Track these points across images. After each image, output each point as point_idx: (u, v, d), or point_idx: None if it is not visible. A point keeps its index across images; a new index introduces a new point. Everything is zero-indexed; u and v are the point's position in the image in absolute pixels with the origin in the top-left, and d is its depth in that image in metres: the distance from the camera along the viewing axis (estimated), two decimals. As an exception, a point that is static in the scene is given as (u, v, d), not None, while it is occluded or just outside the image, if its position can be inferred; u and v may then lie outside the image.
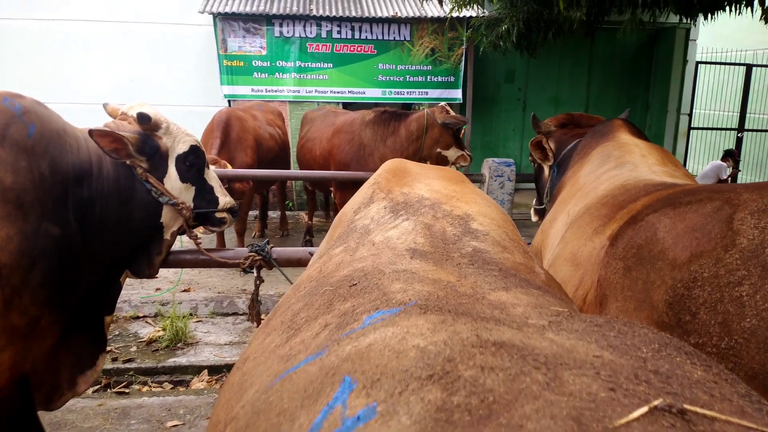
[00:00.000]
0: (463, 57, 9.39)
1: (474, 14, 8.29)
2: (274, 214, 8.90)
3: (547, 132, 3.03)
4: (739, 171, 10.79)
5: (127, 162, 2.47)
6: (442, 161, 5.40)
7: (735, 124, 11.66)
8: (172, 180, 2.62)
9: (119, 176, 2.45)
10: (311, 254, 2.37)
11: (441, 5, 7.28)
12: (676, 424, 0.51)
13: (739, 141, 11.60)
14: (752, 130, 11.68)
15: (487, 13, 7.90)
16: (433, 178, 1.60)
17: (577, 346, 0.65)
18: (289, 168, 7.53)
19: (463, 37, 9.19)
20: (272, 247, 2.87)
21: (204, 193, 2.79)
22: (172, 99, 9.37)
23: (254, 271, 2.86)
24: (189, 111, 9.11)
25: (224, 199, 2.89)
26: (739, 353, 1.01)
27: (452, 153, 5.34)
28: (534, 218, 3.55)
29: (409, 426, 0.52)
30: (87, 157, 2.32)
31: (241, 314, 5.33)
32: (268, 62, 9.21)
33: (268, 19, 8.96)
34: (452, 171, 1.74)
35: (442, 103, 5.53)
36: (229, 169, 4.98)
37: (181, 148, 2.64)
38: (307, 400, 0.65)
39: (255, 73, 9.21)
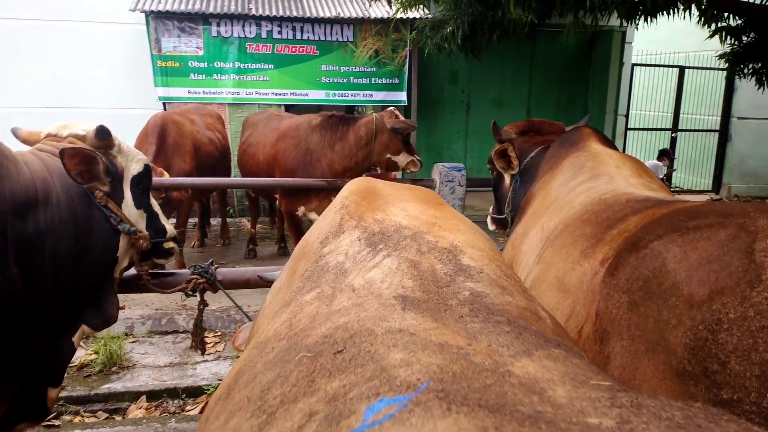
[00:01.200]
0: (408, 59, 9.27)
1: (418, 16, 8.18)
2: (214, 222, 8.53)
3: (508, 140, 2.91)
4: (674, 170, 11.13)
5: (85, 186, 2.13)
6: (392, 167, 5.24)
7: (669, 125, 12.04)
8: (129, 206, 2.32)
9: (73, 203, 2.08)
10: (261, 278, 2.14)
11: (390, 5, 7.13)
12: None
13: (673, 141, 11.98)
14: (685, 130, 12.09)
15: (431, 15, 7.80)
16: (408, 201, 1.42)
17: None
18: (229, 174, 7.21)
19: (407, 38, 9.08)
20: (217, 267, 2.63)
21: (152, 221, 2.50)
22: (101, 101, 8.86)
23: (197, 294, 2.61)
24: (121, 114, 8.62)
25: (170, 227, 2.64)
26: (786, 412, 0.88)
27: (402, 158, 5.19)
28: (491, 227, 3.43)
29: None
30: (30, 183, 1.95)
31: (181, 332, 5.01)
32: (206, 63, 8.83)
33: (204, 19, 8.59)
34: (426, 191, 1.56)
35: (391, 108, 5.38)
36: (167, 178, 4.65)
37: (135, 168, 2.35)
38: None
39: (191, 74, 8.81)
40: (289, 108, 9.10)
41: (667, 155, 9.84)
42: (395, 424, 0.58)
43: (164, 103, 8.77)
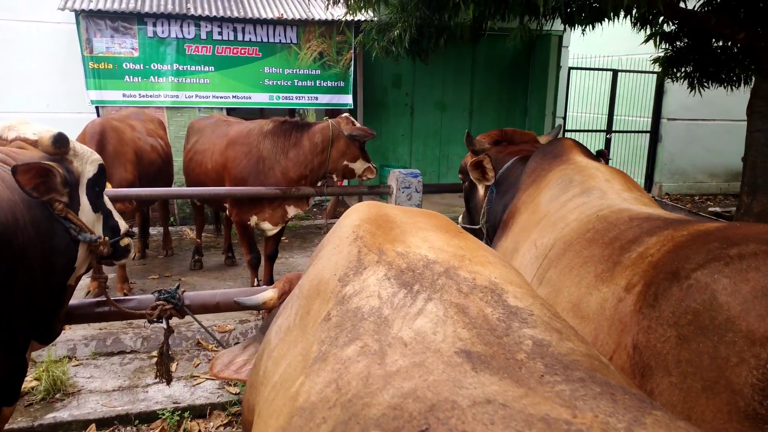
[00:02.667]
0: (353, 61, 9.16)
1: (364, 18, 8.09)
2: (154, 231, 8.16)
3: (481, 150, 2.85)
4: (611, 170, 11.48)
5: (44, 198, 1.96)
6: (348, 174, 5.12)
7: (604, 126, 12.43)
8: (86, 212, 2.18)
9: (36, 219, 1.92)
10: (238, 303, 1.99)
11: (329, 7, 6.99)
12: None
13: (608, 142, 12.38)
14: (619, 131, 12.51)
15: (376, 18, 7.73)
16: (426, 230, 1.32)
17: None
18: (172, 182, 6.88)
19: (352, 41, 8.97)
20: (184, 291, 2.45)
21: (108, 221, 2.37)
22: (28, 105, 8.33)
23: (163, 321, 2.42)
24: (50, 118, 8.11)
25: (123, 223, 2.49)
26: None
27: (359, 165, 5.08)
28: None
29: None
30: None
31: (129, 352, 4.73)
32: (141, 65, 8.43)
33: (139, 18, 8.19)
34: (438, 216, 1.47)
35: (346, 114, 5.26)
36: (109, 189, 4.35)
37: (90, 170, 2.20)
38: None
39: (126, 76, 8.39)
40: (231, 111, 8.82)
41: (603, 156, 10.13)
42: None
43: (97, 107, 8.32)
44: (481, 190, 2.87)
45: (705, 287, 1.13)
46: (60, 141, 2.05)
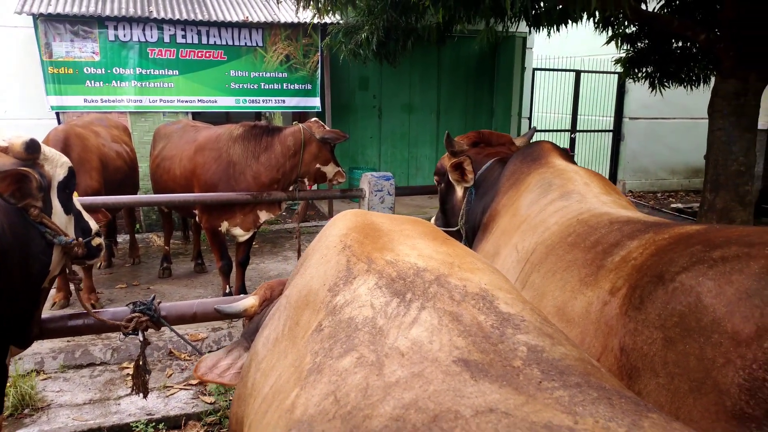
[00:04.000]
0: (320, 64, 9.12)
1: (330, 21, 8.06)
2: (120, 239, 7.99)
3: (461, 151, 2.87)
4: (576, 169, 11.68)
5: (19, 205, 1.97)
6: (320, 178, 5.09)
7: (568, 126, 12.64)
8: (58, 215, 2.19)
9: (13, 226, 1.93)
10: (220, 311, 1.96)
11: (299, 11, 6.95)
12: None
13: (572, 141, 12.59)
14: (582, 131, 12.74)
15: (343, 21, 7.71)
16: (413, 237, 1.32)
17: None
18: (138, 188, 6.75)
19: (319, 43, 8.93)
20: (160, 302, 2.40)
21: (79, 222, 2.40)
22: (-15, 111, 8.07)
23: (139, 333, 2.36)
24: (8, 125, 7.90)
25: (93, 223, 2.52)
26: None
27: (330, 169, 5.06)
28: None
29: None
30: None
31: (98, 364, 4.61)
32: (103, 69, 8.25)
33: (100, 22, 8.02)
34: (424, 223, 1.47)
35: (315, 118, 5.25)
36: (76, 198, 4.23)
37: (61, 173, 2.21)
38: None
39: (87, 81, 8.20)
40: (197, 115, 8.69)
41: (568, 154, 10.32)
42: None
43: (57, 113, 8.11)
44: (459, 191, 2.88)
45: (690, 290, 1.16)
46: (32, 147, 2.03)
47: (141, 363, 2.44)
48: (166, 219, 6.75)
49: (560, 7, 5.68)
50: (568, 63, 12.68)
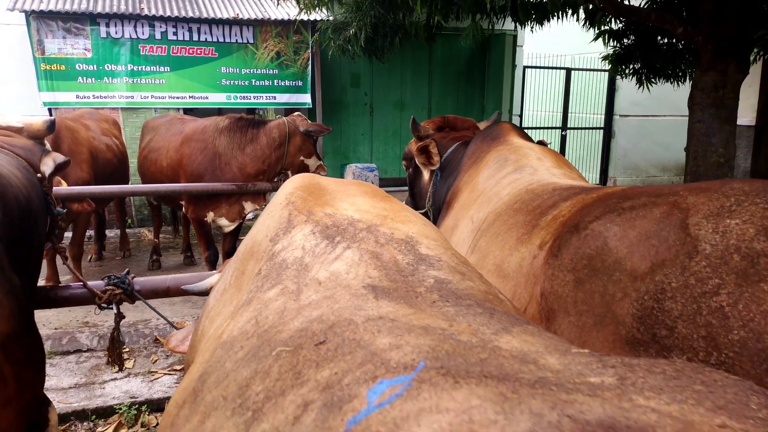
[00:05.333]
0: (310, 61, 9.22)
1: (320, 18, 8.16)
2: (111, 233, 8.07)
3: (426, 135, 2.96)
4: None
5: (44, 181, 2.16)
6: (304, 170, 5.19)
7: (559, 123, 12.73)
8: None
9: (37, 197, 2.09)
10: (186, 290, 2.05)
11: (279, 3, 7.03)
12: None
13: (563, 138, 12.69)
14: (573, 128, 12.84)
15: (332, 17, 7.81)
16: (355, 195, 1.41)
17: (688, 415, 0.51)
18: (128, 182, 6.84)
19: (309, 40, 9.02)
20: (134, 277, 2.49)
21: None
22: (-22, 107, 8.12)
23: (113, 307, 2.45)
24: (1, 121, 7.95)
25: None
26: (732, 368, 0.96)
27: (313, 162, 5.16)
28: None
29: None
30: (19, 192, 1.90)
31: (85, 351, 4.70)
32: (95, 66, 8.34)
33: (92, 19, 8.10)
34: (370, 186, 1.56)
35: (298, 112, 5.35)
36: (65, 187, 4.33)
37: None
38: None
39: (79, 77, 8.28)
40: (188, 112, 8.78)
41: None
42: (407, 401, 0.57)
43: (50, 109, 8.19)
44: (426, 174, 2.97)
45: (599, 235, 1.25)
46: (53, 126, 2.29)
47: (116, 335, 2.53)
48: (155, 212, 6.84)
49: (537, 1, 5.77)
50: (559, 61, 12.79)
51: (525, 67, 12.37)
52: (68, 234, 5.96)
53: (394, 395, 0.59)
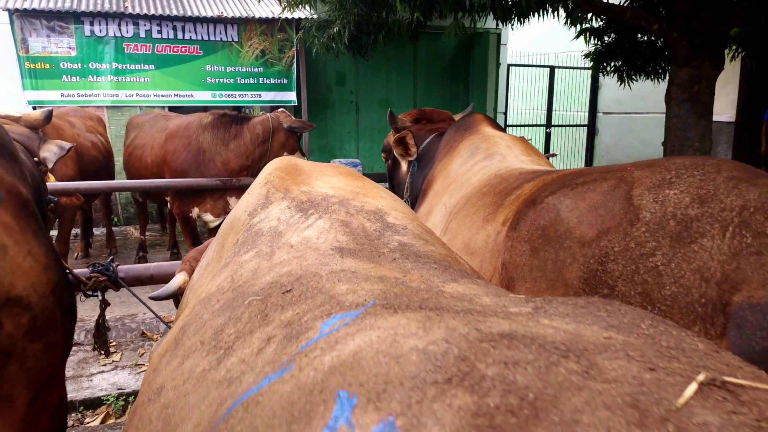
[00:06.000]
0: (295, 59, 9.28)
1: (304, 16, 8.22)
2: (98, 232, 8.09)
3: (403, 128, 3.05)
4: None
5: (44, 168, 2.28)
6: (288, 164, 5.26)
7: (543, 121, 12.88)
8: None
9: (41, 181, 2.18)
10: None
11: (259, 1, 7.08)
12: (726, 397, 0.47)
13: (547, 136, 12.84)
14: (557, 126, 12.99)
15: (316, 15, 7.88)
16: (330, 175, 1.50)
17: (582, 330, 0.60)
18: (113, 179, 6.87)
19: (294, 38, 9.08)
20: (118, 264, 2.55)
21: None
22: (-39, 106, 8.11)
23: (98, 294, 2.51)
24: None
25: None
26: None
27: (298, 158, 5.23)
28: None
29: None
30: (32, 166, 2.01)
31: (73, 345, 4.73)
32: (79, 64, 8.34)
33: (76, 17, 8.11)
34: (345, 167, 1.64)
35: (282, 109, 5.42)
36: (52, 182, 4.37)
37: None
38: (296, 425, 0.53)
39: (64, 76, 8.28)
40: (173, 110, 8.79)
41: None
42: (351, 327, 0.66)
43: (34, 107, 8.18)
44: (404, 166, 3.06)
45: (552, 208, 1.34)
46: (50, 116, 2.35)
47: (101, 322, 2.59)
48: (141, 209, 6.87)
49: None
50: (543, 59, 12.94)
51: (509, 66, 12.50)
52: (54, 232, 5.99)
53: (343, 324, 0.68)
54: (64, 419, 2.04)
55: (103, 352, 2.68)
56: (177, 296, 1.93)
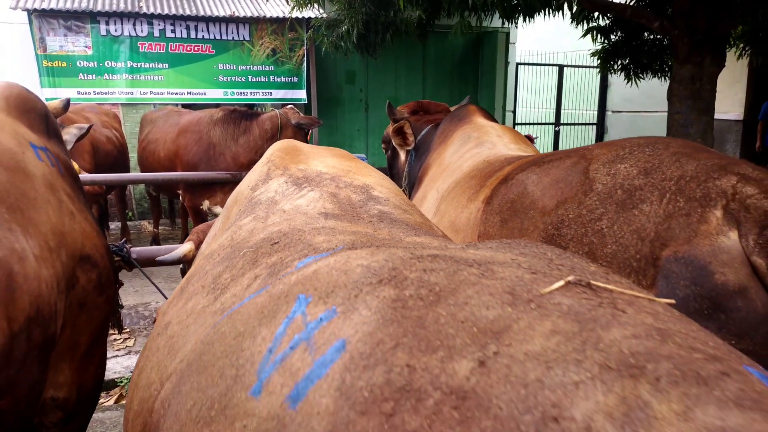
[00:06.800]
0: (305, 58, 9.44)
1: (314, 15, 8.38)
2: (113, 225, 8.30)
3: (401, 118, 3.19)
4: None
5: None
6: (296, 158, 5.41)
7: (552, 119, 12.95)
8: None
9: None
10: (159, 260, 2.29)
11: (267, 1, 7.23)
12: (586, 291, 0.61)
13: (556, 134, 12.91)
14: (566, 124, 13.05)
15: (326, 15, 8.03)
16: (326, 156, 1.65)
17: (497, 254, 0.74)
18: (128, 172, 7.08)
19: (304, 37, 9.25)
20: (131, 246, 2.72)
21: None
22: (-18, 104, 8.34)
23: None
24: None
25: None
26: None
27: (305, 149, 5.38)
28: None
29: (370, 315, 0.57)
30: None
31: (88, 331, 4.92)
32: (95, 62, 8.56)
33: (92, 17, 8.33)
34: (341, 151, 1.79)
35: (290, 105, 5.57)
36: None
37: None
38: (265, 319, 0.67)
39: (80, 74, 8.51)
40: (186, 107, 9.00)
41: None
42: (318, 261, 0.80)
43: (52, 105, 8.42)
44: (402, 155, 3.21)
45: (520, 183, 1.48)
46: (68, 105, 2.52)
47: (115, 301, 2.75)
48: (154, 203, 7.07)
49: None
50: (552, 58, 13.01)
51: (518, 64, 12.59)
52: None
53: (312, 260, 0.82)
54: (103, 373, 2.23)
55: (116, 329, 2.84)
56: (184, 264, 2.10)
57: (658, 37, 7.82)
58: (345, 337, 0.55)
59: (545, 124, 13.12)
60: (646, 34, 7.95)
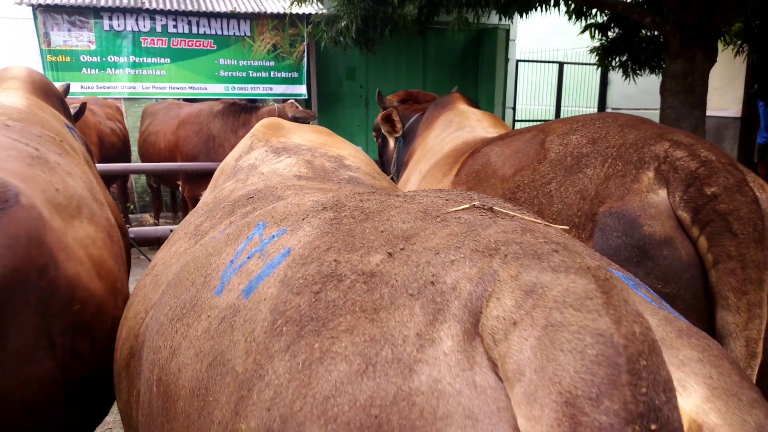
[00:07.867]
0: (305, 53, 9.57)
1: (313, 11, 8.51)
2: (115, 217, 8.44)
3: (389, 106, 3.31)
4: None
5: None
6: (293, 149, 5.54)
7: (552, 117, 13.05)
8: None
9: None
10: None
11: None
12: (487, 213, 0.73)
13: (554, 131, 12.99)
14: (564, 121, 13.11)
15: (325, 10, 8.15)
16: (306, 132, 1.77)
17: (426, 194, 0.86)
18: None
19: (304, 33, 9.37)
20: (129, 226, 2.85)
21: None
22: (-13, 97, 8.49)
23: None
24: (9, 110, 8.32)
25: None
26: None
27: (303, 141, 5.52)
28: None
29: (312, 230, 0.70)
30: None
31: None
32: (98, 57, 8.70)
33: (95, 12, 8.47)
34: (322, 128, 1.92)
35: (291, 100, 5.70)
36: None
37: None
38: (230, 241, 0.80)
39: (84, 68, 8.65)
40: (188, 102, 9.15)
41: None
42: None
43: (56, 99, 8.56)
44: (391, 142, 3.33)
45: (485, 154, 1.60)
46: (68, 89, 2.71)
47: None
48: (155, 195, 7.21)
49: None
50: (552, 55, 13.11)
51: (518, 61, 12.69)
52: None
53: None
54: None
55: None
56: None
57: (656, 33, 7.91)
58: (290, 246, 0.68)
59: (545, 121, 13.21)
60: (643, 30, 8.04)
